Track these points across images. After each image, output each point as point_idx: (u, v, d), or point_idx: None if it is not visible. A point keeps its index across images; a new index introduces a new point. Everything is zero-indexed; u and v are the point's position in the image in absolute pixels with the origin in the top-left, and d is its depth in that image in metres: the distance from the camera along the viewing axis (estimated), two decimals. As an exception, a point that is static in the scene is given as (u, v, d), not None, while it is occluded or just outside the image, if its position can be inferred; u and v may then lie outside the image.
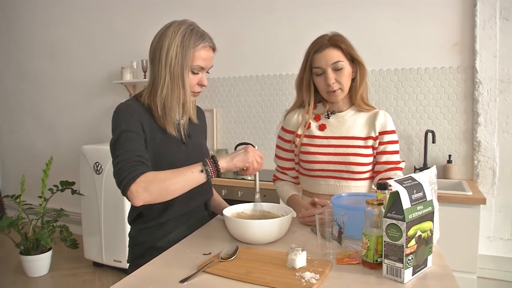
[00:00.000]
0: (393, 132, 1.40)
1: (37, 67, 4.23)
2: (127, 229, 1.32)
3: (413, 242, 0.85)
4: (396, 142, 1.40)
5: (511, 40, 2.38)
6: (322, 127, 1.43)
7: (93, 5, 3.82)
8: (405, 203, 0.83)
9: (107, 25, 3.76)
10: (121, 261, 2.92)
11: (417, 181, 0.90)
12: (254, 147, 1.22)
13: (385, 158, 1.39)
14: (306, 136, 1.45)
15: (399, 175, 1.33)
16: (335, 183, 1.40)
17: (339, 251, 1.00)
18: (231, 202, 1.38)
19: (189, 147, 1.28)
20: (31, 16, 4.21)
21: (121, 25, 3.67)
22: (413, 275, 0.87)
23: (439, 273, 0.90)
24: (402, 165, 1.40)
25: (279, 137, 1.54)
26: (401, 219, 0.83)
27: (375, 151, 1.40)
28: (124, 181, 1.05)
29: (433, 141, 2.47)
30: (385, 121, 1.40)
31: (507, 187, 2.45)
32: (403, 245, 0.83)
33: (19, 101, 4.41)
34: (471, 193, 2.14)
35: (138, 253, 1.26)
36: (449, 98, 2.56)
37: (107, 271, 3.09)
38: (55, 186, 3.05)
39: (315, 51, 1.35)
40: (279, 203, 1.49)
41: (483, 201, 2.08)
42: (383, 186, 1.00)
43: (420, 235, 0.87)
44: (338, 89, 1.35)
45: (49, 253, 3.08)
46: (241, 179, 2.73)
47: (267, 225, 1.09)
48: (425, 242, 0.89)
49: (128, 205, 1.16)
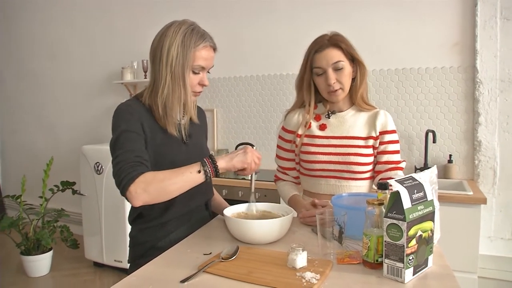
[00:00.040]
0: (393, 131, 1.40)
1: (37, 67, 4.23)
2: (128, 229, 1.32)
3: (413, 242, 0.85)
4: (396, 141, 1.40)
5: (512, 39, 2.39)
6: (322, 127, 1.43)
7: (93, 5, 3.82)
8: (406, 203, 0.83)
9: (107, 25, 3.76)
10: (121, 261, 2.92)
11: (417, 181, 0.90)
12: (253, 146, 1.22)
13: (385, 157, 1.39)
14: (306, 136, 1.45)
15: (400, 175, 1.33)
16: (335, 183, 1.40)
17: (339, 251, 1.00)
18: (232, 202, 1.38)
19: (189, 147, 1.28)
20: (31, 16, 4.21)
21: (121, 25, 3.67)
22: (413, 275, 0.86)
23: (439, 273, 0.90)
24: (402, 165, 1.40)
25: (280, 137, 1.53)
26: (402, 219, 0.83)
27: (376, 151, 1.40)
28: (123, 182, 1.05)
29: (434, 141, 2.47)
30: (385, 120, 1.40)
31: (507, 186, 2.45)
32: (404, 245, 0.83)
33: (19, 101, 4.42)
34: (471, 193, 2.13)
35: (138, 253, 1.26)
36: (450, 98, 2.55)
37: (108, 271, 3.09)
38: (56, 186, 3.05)
39: (315, 51, 1.35)
40: (279, 203, 1.49)
41: (484, 201, 2.08)
42: (383, 186, 1.00)
43: (420, 235, 0.87)
44: (339, 89, 1.35)
45: (50, 253, 3.08)
46: (242, 179, 2.72)
47: (268, 225, 1.08)
48: (426, 242, 0.89)
49: (128, 205, 1.16)
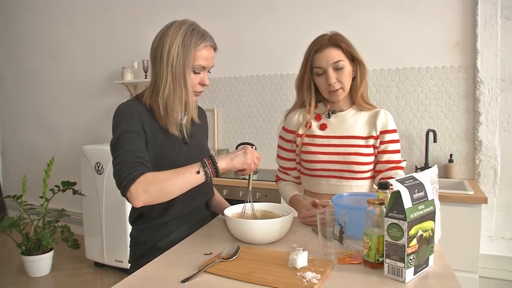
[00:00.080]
0: (394, 131, 1.40)
1: (37, 67, 4.23)
2: (128, 229, 1.32)
3: (414, 241, 0.85)
4: (397, 141, 1.40)
5: (512, 39, 2.38)
6: (323, 127, 1.43)
7: (93, 5, 3.82)
8: (407, 202, 0.83)
9: (107, 25, 3.76)
10: (122, 261, 2.92)
11: (418, 180, 0.90)
12: (253, 146, 1.22)
13: (386, 157, 1.39)
14: (307, 135, 1.44)
15: (400, 174, 1.33)
16: (336, 182, 1.40)
17: (340, 250, 1.00)
18: (232, 202, 1.38)
19: (190, 147, 1.28)
20: (31, 16, 4.21)
21: (121, 25, 3.67)
22: (414, 275, 0.86)
23: (440, 273, 0.90)
24: (403, 164, 1.40)
25: (280, 137, 1.53)
26: (403, 218, 0.83)
27: (376, 150, 1.40)
28: (123, 182, 1.05)
29: (434, 141, 2.47)
30: (386, 120, 1.40)
31: (508, 186, 2.45)
32: (405, 245, 0.83)
33: (19, 101, 4.42)
34: (472, 193, 2.13)
35: (139, 253, 1.26)
36: (450, 97, 2.55)
37: (109, 271, 3.09)
38: (57, 186, 3.05)
39: (315, 51, 1.35)
40: (280, 202, 1.49)
41: (485, 201, 2.08)
42: (384, 185, 0.99)
43: (421, 235, 0.86)
44: (339, 89, 1.35)
45: (51, 253, 3.08)
46: (242, 179, 2.72)
47: (268, 225, 1.08)
48: (427, 241, 0.89)
49: (129, 205, 1.16)
